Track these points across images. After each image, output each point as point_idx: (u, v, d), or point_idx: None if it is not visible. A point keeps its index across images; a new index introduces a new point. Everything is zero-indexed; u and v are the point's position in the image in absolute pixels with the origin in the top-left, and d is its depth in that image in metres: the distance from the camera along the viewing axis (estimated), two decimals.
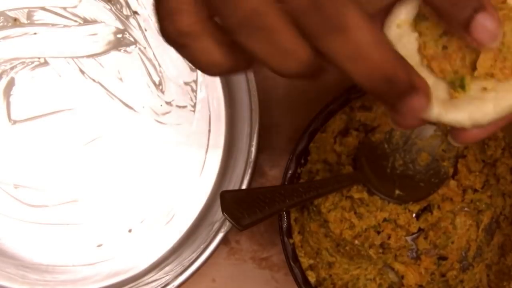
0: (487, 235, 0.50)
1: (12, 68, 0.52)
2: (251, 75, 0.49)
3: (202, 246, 0.48)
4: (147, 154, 0.52)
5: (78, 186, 0.51)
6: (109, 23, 0.52)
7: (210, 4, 0.27)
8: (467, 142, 0.33)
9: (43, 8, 0.52)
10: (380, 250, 0.50)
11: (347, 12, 0.26)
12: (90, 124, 0.52)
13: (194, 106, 0.52)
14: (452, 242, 0.50)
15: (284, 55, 0.27)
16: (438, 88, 0.31)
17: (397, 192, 0.49)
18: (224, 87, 0.52)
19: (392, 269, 0.50)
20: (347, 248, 0.49)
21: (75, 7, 0.52)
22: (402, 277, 0.50)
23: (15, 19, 0.52)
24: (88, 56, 0.52)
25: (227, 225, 0.48)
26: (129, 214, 0.52)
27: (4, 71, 0.52)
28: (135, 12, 0.52)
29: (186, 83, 0.52)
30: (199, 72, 0.52)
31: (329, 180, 0.46)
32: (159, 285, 0.48)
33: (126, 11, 0.52)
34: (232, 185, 0.50)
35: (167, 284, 0.48)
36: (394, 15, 0.31)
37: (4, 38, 0.52)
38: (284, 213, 0.45)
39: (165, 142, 0.52)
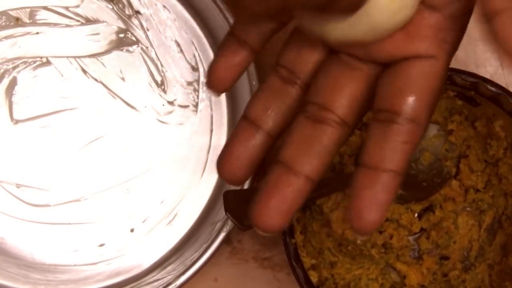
0: (489, 235, 0.50)
1: (14, 68, 0.52)
2: (253, 75, 0.49)
3: (204, 246, 0.48)
4: (149, 153, 0.52)
5: (80, 185, 0.51)
6: (111, 22, 0.52)
7: None
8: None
9: (45, 8, 0.52)
10: (382, 250, 0.50)
11: None
12: (92, 123, 0.52)
13: (196, 106, 0.52)
14: (454, 242, 0.50)
15: None
16: None
17: (399, 191, 0.49)
18: None
19: (394, 269, 0.50)
20: (349, 248, 0.49)
21: (77, 6, 0.52)
22: (404, 277, 0.50)
23: (17, 19, 0.52)
24: (90, 56, 0.52)
25: (229, 225, 0.48)
26: (131, 214, 0.52)
27: (6, 71, 0.52)
28: (137, 12, 0.52)
29: (189, 83, 0.52)
30: (201, 72, 0.52)
31: (331, 180, 0.46)
32: (161, 285, 0.48)
33: (128, 11, 0.52)
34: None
35: (169, 284, 0.48)
36: None
37: (6, 37, 0.52)
38: None
39: (167, 142, 0.52)
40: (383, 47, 0.31)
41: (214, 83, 0.34)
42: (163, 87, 0.52)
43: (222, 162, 0.33)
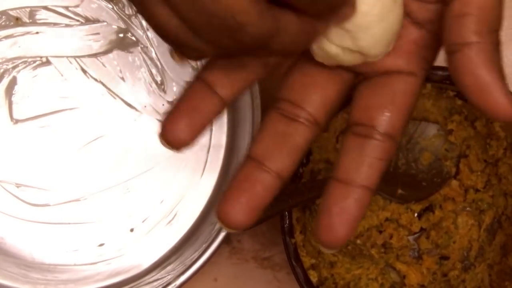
0: (489, 235, 0.50)
1: (14, 68, 0.52)
2: None
3: (204, 246, 0.48)
4: (149, 153, 0.52)
5: (80, 185, 0.51)
6: (111, 22, 0.52)
7: None
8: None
9: (45, 8, 0.52)
10: (382, 250, 0.50)
11: None
12: (92, 123, 0.52)
13: None
14: (454, 242, 0.50)
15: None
16: None
17: (399, 191, 0.49)
18: None
19: (394, 268, 0.50)
20: (349, 247, 0.49)
21: (77, 6, 0.52)
22: (404, 276, 0.50)
23: (17, 18, 0.52)
24: (90, 56, 0.52)
25: None
26: (130, 214, 0.52)
27: (6, 71, 0.52)
28: (137, 12, 0.52)
29: (188, 83, 0.52)
30: None
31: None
32: (160, 285, 0.48)
33: (128, 11, 0.52)
34: None
35: (169, 284, 0.48)
36: None
37: (6, 37, 0.52)
38: (286, 212, 0.45)
39: None
40: None
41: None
42: (163, 87, 0.52)
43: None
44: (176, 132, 0.30)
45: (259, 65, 0.31)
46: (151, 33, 0.52)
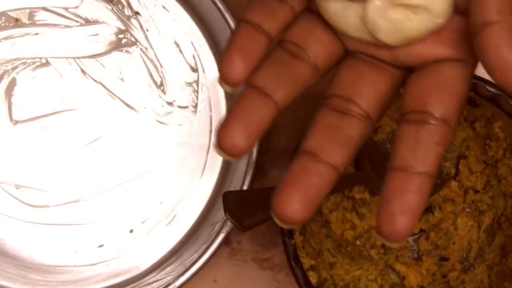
0: (488, 236, 0.50)
1: (13, 69, 0.52)
2: None
3: (203, 247, 0.49)
4: (148, 154, 0.52)
5: (79, 186, 0.51)
6: (110, 23, 0.52)
7: None
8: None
9: (45, 9, 0.52)
10: (382, 251, 0.50)
11: None
12: (91, 124, 0.52)
13: (195, 106, 0.52)
14: (453, 243, 0.50)
15: None
16: None
17: None
18: None
19: (393, 269, 0.50)
20: (348, 248, 0.49)
21: (76, 7, 0.52)
22: (404, 277, 0.50)
23: (17, 20, 0.52)
24: (90, 57, 0.52)
25: (229, 226, 0.48)
26: (130, 215, 0.52)
27: (5, 72, 0.52)
28: (137, 13, 0.52)
29: (188, 84, 0.52)
30: (200, 72, 0.52)
31: None
32: (160, 286, 0.48)
33: (127, 12, 0.52)
34: (234, 186, 0.50)
35: (168, 285, 0.48)
36: None
37: (5, 38, 0.52)
38: None
39: (166, 143, 0.52)
40: (414, 50, 0.31)
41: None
42: (162, 88, 0.52)
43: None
44: (231, 139, 0.29)
45: (308, 67, 0.31)
46: (150, 34, 0.52)
